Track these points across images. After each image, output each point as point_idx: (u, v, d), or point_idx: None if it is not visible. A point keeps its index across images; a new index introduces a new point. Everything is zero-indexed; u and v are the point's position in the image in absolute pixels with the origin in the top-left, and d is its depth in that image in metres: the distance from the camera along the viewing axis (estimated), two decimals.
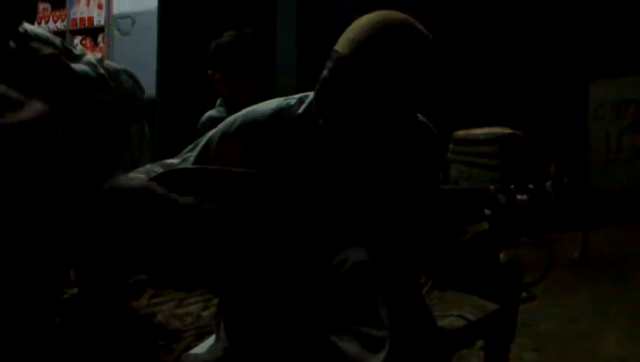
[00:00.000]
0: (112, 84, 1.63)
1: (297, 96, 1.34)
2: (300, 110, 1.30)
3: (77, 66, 1.56)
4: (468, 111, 5.04)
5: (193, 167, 1.31)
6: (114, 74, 1.65)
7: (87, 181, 1.43)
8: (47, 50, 1.50)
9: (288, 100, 1.33)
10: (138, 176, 1.25)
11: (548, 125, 5.17)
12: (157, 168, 1.30)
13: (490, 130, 4.54)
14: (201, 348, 1.38)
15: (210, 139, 1.34)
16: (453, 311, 1.53)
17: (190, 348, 1.47)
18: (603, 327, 2.61)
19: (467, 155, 4.58)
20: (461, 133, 4.69)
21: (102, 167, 1.53)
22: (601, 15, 5.29)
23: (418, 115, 1.32)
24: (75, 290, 1.65)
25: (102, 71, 1.62)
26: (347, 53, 1.15)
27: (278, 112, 1.31)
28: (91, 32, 5.81)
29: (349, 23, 1.20)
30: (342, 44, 1.17)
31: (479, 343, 1.66)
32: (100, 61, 1.65)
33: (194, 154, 1.35)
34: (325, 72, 1.19)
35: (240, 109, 1.36)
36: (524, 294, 2.24)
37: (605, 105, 5.43)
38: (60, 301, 1.60)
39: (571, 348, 2.39)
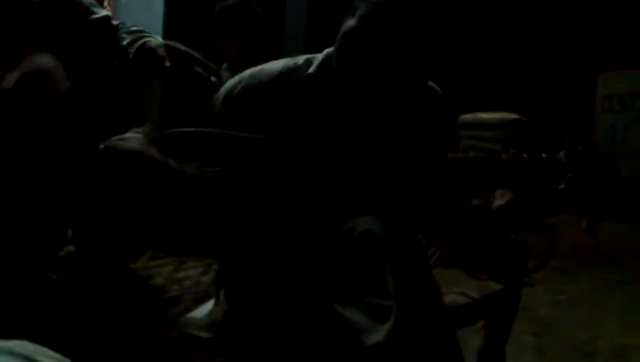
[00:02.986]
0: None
1: (304, 56, 1.29)
2: (312, 70, 1.25)
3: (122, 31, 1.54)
4: (475, 96, 5.00)
5: (195, 129, 1.27)
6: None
7: (89, 139, 1.40)
8: (102, 13, 1.45)
9: (295, 60, 1.28)
10: (135, 136, 1.22)
11: (555, 114, 5.14)
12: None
13: (497, 115, 4.50)
14: (200, 312, 1.36)
15: (213, 101, 1.30)
16: (456, 288, 1.51)
17: (189, 311, 1.45)
18: (603, 316, 2.60)
19: (473, 140, 4.54)
20: (468, 116, 4.65)
21: (106, 127, 1.50)
22: (611, 6, 5.24)
23: (430, 82, 1.29)
24: (73, 248, 1.62)
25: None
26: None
27: (285, 73, 1.26)
28: None
29: None
30: None
31: (481, 323, 1.64)
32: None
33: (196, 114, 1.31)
34: (353, 22, 1.15)
35: None
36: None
37: (612, 97, 5.39)
38: (56, 258, 1.58)
39: (571, 335, 2.38)
